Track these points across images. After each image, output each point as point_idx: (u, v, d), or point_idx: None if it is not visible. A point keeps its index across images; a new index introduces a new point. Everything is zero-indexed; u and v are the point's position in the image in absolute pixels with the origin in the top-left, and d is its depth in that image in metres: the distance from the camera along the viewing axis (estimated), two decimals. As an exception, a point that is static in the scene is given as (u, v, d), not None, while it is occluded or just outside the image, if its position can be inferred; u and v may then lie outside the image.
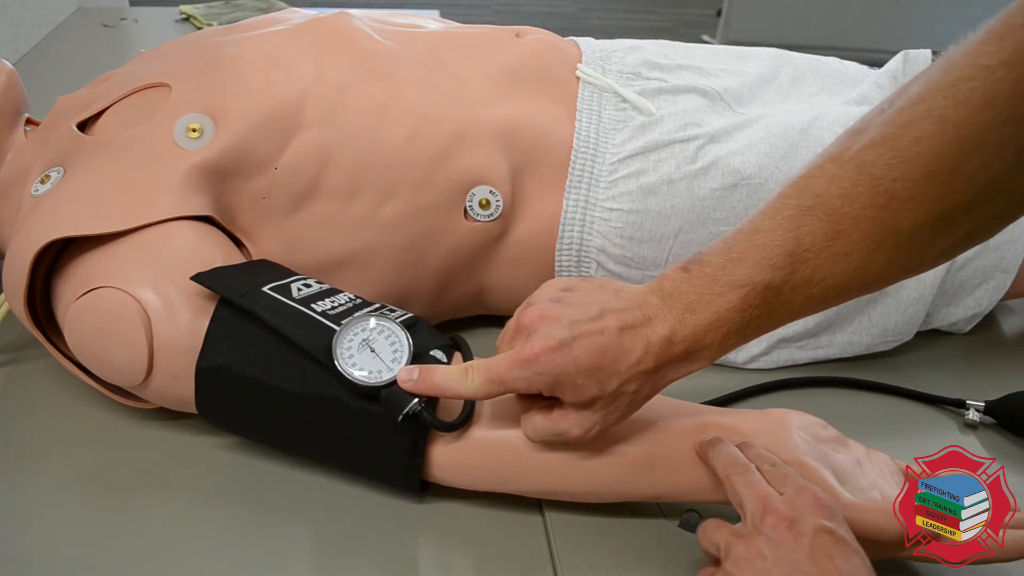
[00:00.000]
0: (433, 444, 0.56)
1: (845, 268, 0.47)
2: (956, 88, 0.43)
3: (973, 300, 0.76)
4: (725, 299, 0.48)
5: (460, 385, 0.52)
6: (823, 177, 0.48)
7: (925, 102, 0.45)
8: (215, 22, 1.59)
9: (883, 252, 0.47)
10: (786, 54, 0.82)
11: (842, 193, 0.46)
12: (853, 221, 0.46)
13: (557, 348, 0.49)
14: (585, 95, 0.72)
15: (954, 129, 0.43)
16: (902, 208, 0.45)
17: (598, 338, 0.49)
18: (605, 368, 0.49)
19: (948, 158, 0.44)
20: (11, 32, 1.41)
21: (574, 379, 0.49)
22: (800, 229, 0.47)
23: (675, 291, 0.50)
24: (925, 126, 0.44)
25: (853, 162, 0.47)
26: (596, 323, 0.50)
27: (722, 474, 0.51)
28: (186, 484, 0.60)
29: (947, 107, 0.43)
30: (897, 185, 0.45)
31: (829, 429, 0.58)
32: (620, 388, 0.50)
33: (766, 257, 0.48)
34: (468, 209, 0.69)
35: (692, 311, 0.49)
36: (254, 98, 0.66)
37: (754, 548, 0.46)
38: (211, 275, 0.58)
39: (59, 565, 0.54)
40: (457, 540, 0.57)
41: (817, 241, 0.47)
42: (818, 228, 0.47)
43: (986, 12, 0.44)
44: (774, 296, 0.48)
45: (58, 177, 0.65)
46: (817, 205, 0.47)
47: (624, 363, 0.49)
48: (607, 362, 0.49)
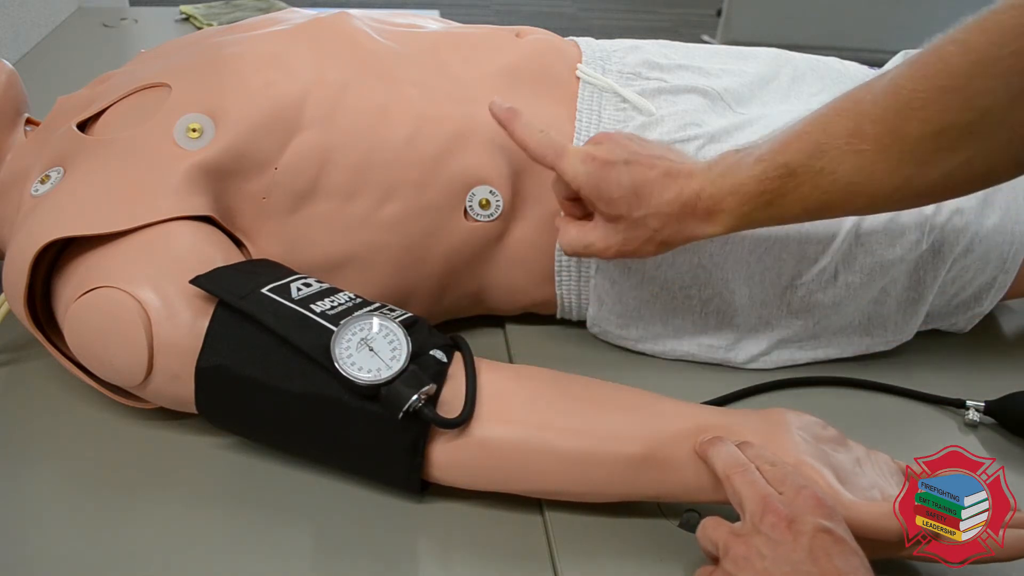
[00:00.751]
0: (433, 444, 0.56)
1: (855, 164, 0.53)
2: (984, 18, 0.49)
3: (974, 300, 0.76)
4: (748, 171, 0.56)
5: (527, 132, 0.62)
6: (864, 88, 0.54)
7: (959, 30, 0.50)
8: (215, 22, 1.59)
9: (890, 155, 0.52)
10: (786, 54, 0.82)
11: (871, 99, 0.53)
12: (871, 121, 0.52)
13: (612, 163, 0.58)
14: (585, 95, 0.72)
15: (971, 52, 0.49)
16: (912, 115, 0.51)
17: (646, 171, 0.58)
18: (639, 195, 0.58)
19: (959, 76, 0.49)
20: (11, 32, 1.41)
21: (612, 191, 0.58)
22: (828, 124, 0.54)
23: (721, 161, 0.58)
24: (950, 47, 0.50)
25: (889, 76, 0.53)
26: (650, 160, 0.59)
27: (722, 474, 0.51)
28: (186, 484, 0.60)
29: (971, 32, 0.49)
30: (914, 95, 0.51)
31: (829, 429, 0.58)
32: (644, 219, 0.58)
33: (793, 142, 0.55)
34: (468, 209, 0.69)
35: (723, 175, 0.57)
36: (254, 98, 0.66)
37: (753, 547, 0.46)
38: (210, 277, 0.58)
39: (59, 565, 0.54)
40: (457, 540, 0.57)
41: (839, 136, 0.53)
42: (842, 124, 0.54)
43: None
44: (789, 175, 0.55)
45: (58, 177, 0.65)
46: (850, 108, 0.54)
47: (656, 198, 0.57)
48: (642, 191, 0.58)
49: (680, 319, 0.73)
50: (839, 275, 0.70)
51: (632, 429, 0.56)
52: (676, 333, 0.74)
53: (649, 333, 0.74)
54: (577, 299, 0.75)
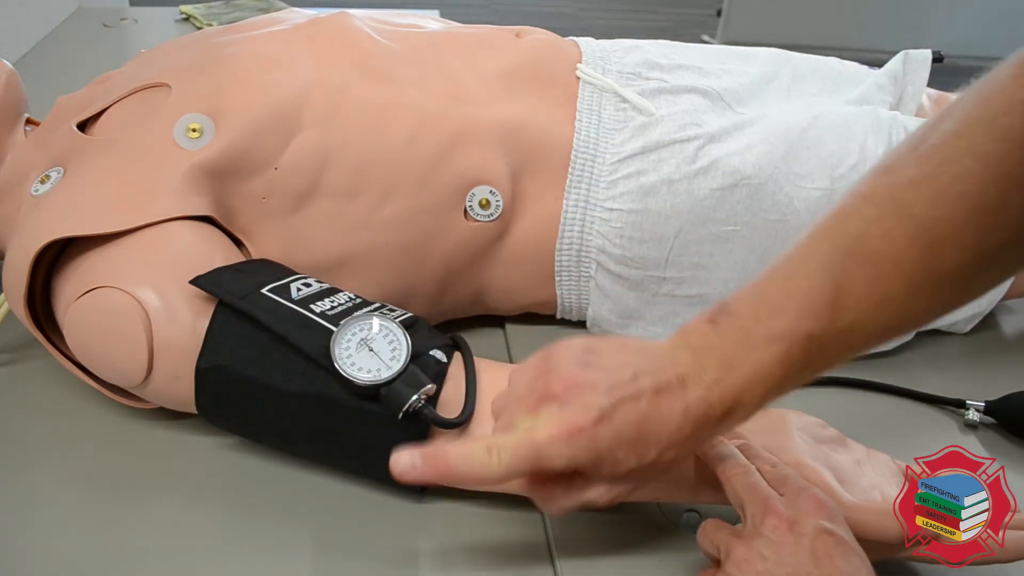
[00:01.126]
0: (433, 443, 0.56)
1: (887, 313, 0.45)
2: (995, 123, 0.42)
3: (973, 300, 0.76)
4: (764, 353, 0.45)
5: (484, 466, 0.45)
6: (857, 218, 0.45)
7: (964, 138, 0.43)
8: (215, 22, 1.58)
9: (926, 294, 0.45)
10: (786, 54, 0.82)
11: (882, 235, 0.44)
12: (895, 264, 0.44)
13: (599, 420, 0.44)
14: (585, 95, 0.72)
15: (995, 165, 0.42)
16: (945, 248, 0.43)
17: (637, 404, 0.45)
18: (645, 438, 0.45)
19: (991, 196, 0.42)
20: (11, 32, 1.41)
21: (615, 452, 0.45)
22: (839, 274, 0.44)
23: (705, 346, 0.46)
24: (966, 163, 0.42)
25: (891, 201, 0.44)
26: (632, 386, 0.45)
27: (722, 475, 0.51)
28: (186, 484, 0.60)
29: (987, 142, 0.42)
30: (940, 224, 0.43)
31: (829, 429, 0.58)
32: (659, 457, 0.46)
33: (805, 306, 0.44)
34: (468, 209, 0.69)
35: (728, 369, 0.45)
36: (254, 98, 0.66)
37: (754, 549, 0.46)
38: (210, 278, 0.58)
39: (59, 565, 0.54)
40: (457, 540, 0.57)
41: (858, 286, 0.44)
42: (859, 272, 0.44)
43: (985, 12, 0.44)
44: (815, 347, 0.45)
45: (58, 177, 0.65)
46: (856, 248, 0.44)
47: (664, 431, 0.45)
48: (647, 432, 0.45)
49: (680, 319, 0.73)
50: (839, 276, 0.70)
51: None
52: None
53: (649, 333, 0.74)
54: (577, 299, 0.75)
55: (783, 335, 0.44)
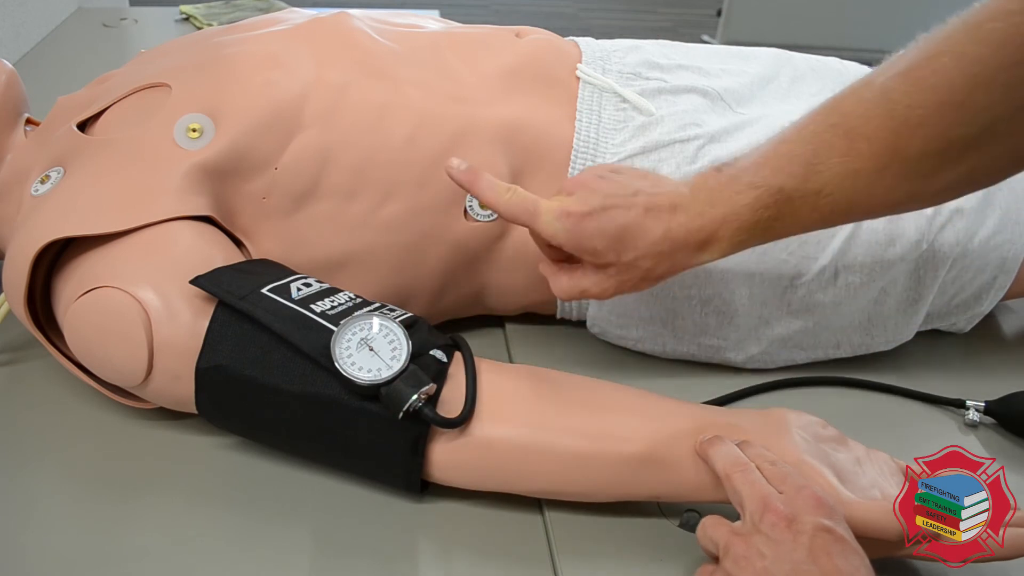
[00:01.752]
0: (433, 444, 0.56)
1: (853, 184, 0.51)
2: (980, 28, 0.46)
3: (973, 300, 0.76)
4: (741, 197, 0.53)
5: (498, 194, 0.56)
6: (852, 99, 0.52)
7: (950, 39, 0.48)
8: (215, 22, 1.59)
9: (890, 173, 0.50)
10: (786, 54, 0.82)
11: (862, 114, 0.50)
12: (866, 140, 0.50)
13: (587, 214, 0.54)
14: (585, 95, 0.72)
15: (969, 65, 0.47)
16: (912, 133, 0.49)
17: (626, 212, 0.54)
18: (624, 240, 0.54)
19: (960, 91, 0.47)
20: (11, 32, 1.41)
21: (594, 242, 0.54)
22: (819, 143, 0.52)
23: (703, 186, 0.55)
24: (944, 60, 0.47)
25: (878, 87, 0.50)
26: (626, 199, 0.54)
27: (722, 473, 0.51)
28: (186, 484, 0.60)
29: (967, 43, 0.47)
30: (911, 112, 0.48)
31: (829, 428, 0.58)
32: (634, 261, 0.54)
33: (785, 164, 0.52)
34: (468, 209, 0.69)
35: (712, 204, 0.54)
36: (254, 98, 0.66)
37: (753, 547, 0.46)
38: (210, 278, 0.58)
39: (59, 565, 0.54)
40: (457, 540, 0.57)
41: (832, 155, 0.51)
42: (835, 143, 0.51)
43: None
44: (785, 201, 0.52)
45: (58, 177, 0.65)
46: (839, 123, 0.51)
47: (642, 240, 0.54)
48: (627, 236, 0.54)
49: (680, 319, 0.73)
50: (839, 275, 0.70)
51: (632, 429, 0.56)
52: (676, 333, 0.74)
53: (649, 333, 0.74)
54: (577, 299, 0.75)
55: (758, 184, 0.53)
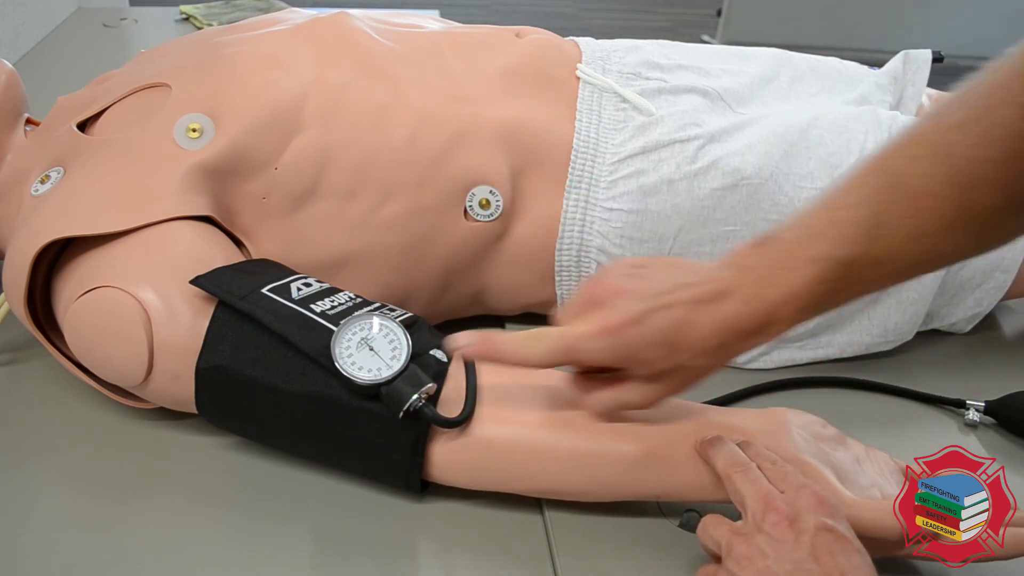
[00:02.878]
0: (433, 443, 0.56)
1: (920, 246, 0.48)
2: None
3: (973, 300, 0.76)
4: (801, 273, 0.48)
5: (525, 350, 0.51)
6: (902, 157, 0.48)
7: (1004, 88, 0.46)
8: (215, 22, 1.58)
9: (957, 231, 0.48)
10: (786, 54, 0.82)
11: (922, 172, 0.47)
12: (931, 200, 0.47)
13: (635, 321, 0.49)
14: (585, 95, 0.72)
15: None
16: (979, 189, 0.46)
17: (671, 312, 0.49)
18: (677, 342, 0.49)
19: None
20: (11, 32, 1.41)
21: (645, 352, 0.50)
22: (879, 207, 0.48)
23: (748, 265, 0.50)
24: (1008, 111, 0.45)
25: (934, 142, 0.47)
26: (671, 296, 0.50)
27: (723, 472, 0.51)
28: (186, 484, 0.60)
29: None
30: (977, 166, 0.46)
31: (828, 428, 0.58)
32: (689, 362, 0.50)
33: (844, 233, 0.48)
34: (468, 209, 0.69)
35: (766, 285, 0.49)
36: (254, 98, 0.66)
37: (755, 546, 0.46)
38: (210, 278, 0.58)
39: (59, 565, 0.54)
40: (457, 540, 0.57)
41: (894, 219, 0.48)
42: (896, 206, 0.48)
43: (985, 12, 0.45)
44: (849, 272, 0.48)
45: (58, 177, 0.65)
46: (897, 184, 0.48)
47: (696, 337, 0.49)
48: (680, 336, 0.49)
49: (680, 319, 0.73)
50: (839, 275, 0.70)
51: (632, 428, 0.56)
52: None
53: (649, 333, 0.74)
54: (577, 299, 0.75)
55: (819, 258, 0.48)
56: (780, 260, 0.49)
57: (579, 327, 0.51)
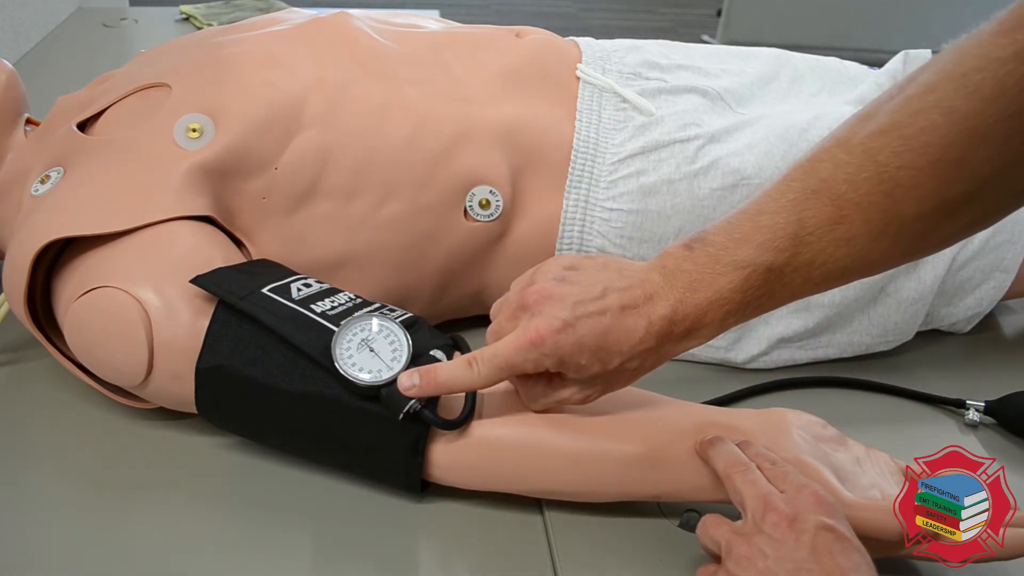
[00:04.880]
0: (433, 443, 0.56)
1: (847, 252, 0.48)
2: (966, 79, 0.43)
3: (973, 300, 0.76)
4: (727, 279, 0.49)
5: (467, 378, 0.52)
6: (829, 161, 0.48)
7: (935, 91, 0.45)
8: (215, 22, 1.59)
9: (885, 238, 0.47)
10: (786, 54, 0.82)
11: (847, 178, 0.47)
12: (857, 207, 0.46)
13: (561, 330, 0.49)
14: (585, 95, 0.72)
15: (962, 120, 0.43)
16: (906, 196, 0.46)
17: (600, 319, 0.50)
18: (607, 348, 0.50)
19: (954, 148, 0.44)
20: (11, 32, 1.41)
21: (577, 359, 0.50)
22: (804, 212, 0.47)
23: (677, 269, 0.50)
24: (933, 116, 0.44)
25: (860, 148, 0.47)
26: (598, 303, 0.50)
27: (723, 473, 0.51)
28: (186, 484, 0.60)
29: (956, 97, 0.43)
30: (902, 173, 0.45)
31: (828, 428, 0.58)
32: (622, 366, 0.51)
33: (769, 239, 0.48)
34: (468, 209, 0.69)
35: (693, 290, 0.49)
36: (254, 98, 0.66)
37: (755, 546, 0.46)
38: (210, 277, 0.58)
39: (59, 565, 0.54)
40: (457, 540, 0.57)
41: (821, 225, 0.47)
42: (822, 212, 0.47)
43: (985, 12, 0.44)
44: (775, 277, 0.49)
45: (58, 177, 0.65)
46: (822, 189, 0.47)
47: (626, 343, 0.50)
48: (609, 342, 0.50)
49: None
50: (839, 275, 0.70)
51: (632, 429, 0.56)
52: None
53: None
54: (577, 299, 0.75)
55: (745, 263, 0.48)
56: (707, 265, 0.49)
57: (508, 341, 0.51)
